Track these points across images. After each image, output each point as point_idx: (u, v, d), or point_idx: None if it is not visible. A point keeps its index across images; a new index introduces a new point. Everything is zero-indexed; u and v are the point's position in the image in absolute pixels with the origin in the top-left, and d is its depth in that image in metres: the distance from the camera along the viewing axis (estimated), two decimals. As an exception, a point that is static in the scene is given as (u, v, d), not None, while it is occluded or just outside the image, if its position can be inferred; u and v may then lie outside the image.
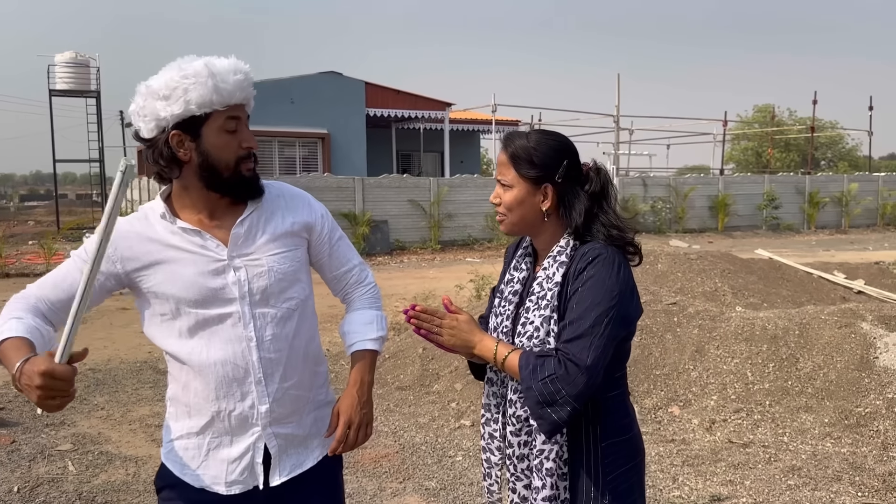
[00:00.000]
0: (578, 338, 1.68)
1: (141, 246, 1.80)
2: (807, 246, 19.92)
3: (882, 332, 5.17)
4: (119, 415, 5.58)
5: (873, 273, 10.90)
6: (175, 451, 1.89)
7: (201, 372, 1.81)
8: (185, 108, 1.71)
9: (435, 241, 19.10)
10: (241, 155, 1.80)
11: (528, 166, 1.83)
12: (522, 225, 1.88)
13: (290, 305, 1.87)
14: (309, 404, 1.95)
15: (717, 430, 4.68)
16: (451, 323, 1.87)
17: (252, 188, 1.85)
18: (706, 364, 5.24)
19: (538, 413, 1.70)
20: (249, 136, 1.82)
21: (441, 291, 10.22)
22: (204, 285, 1.78)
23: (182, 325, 1.80)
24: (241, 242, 1.83)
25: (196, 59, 1.76)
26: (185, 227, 1.81)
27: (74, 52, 27.23)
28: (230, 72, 1.75)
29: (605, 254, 1.75)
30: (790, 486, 3.94)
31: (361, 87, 22.68)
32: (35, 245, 18.87)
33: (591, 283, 1.72)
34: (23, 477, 4.37)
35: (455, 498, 4.04)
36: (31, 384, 1.51)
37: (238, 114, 1.79)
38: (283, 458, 1.89)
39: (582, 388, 1.66)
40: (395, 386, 5.92)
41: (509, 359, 1.77)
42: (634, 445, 1.85)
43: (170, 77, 1.72)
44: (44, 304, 1.80)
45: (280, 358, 1.85)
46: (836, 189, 26.14)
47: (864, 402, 4.59)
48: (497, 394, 1.92)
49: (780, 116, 45.58)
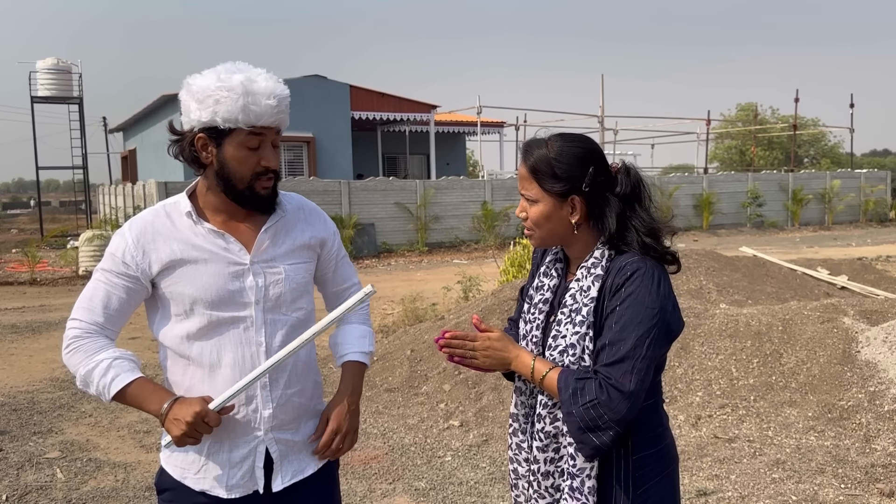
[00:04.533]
0: (620, 361, 1.63)
1: (165, 245, 1.81)
2: (791, 243, 20.09)
3: (864, 327, 5.24)
4: (107, 421, 5.56)
5: (856, 269, 11.01)
6: (175, 455, 1.89)
7: (209, 373, 1.82)
8: (212, 117, 1.73)
9: (422, 244, 19.12)
10: (258, 171, 1.80)
11: (551, 180, 1.72)
12: (552, 239, 1.80)
13: (299, 315, 1.91)
14: (308, 412, 1.97)
15: (703, 426, 4.73)
16: (484, 344, 1.78)
17: (265, 205, 1.86)
18: (691, 361, 5.29)
19: (580, 438, 1.65)
20: (271, 156, 1.81)
21: (429, 293, 10.24)
22: (223, 287, 1.81)
23: (194, 325, 1.82)
24: (265, 249, 1.86)
25: (239, 72, 1.75)
26: (211, 229, 1.83)
27: (56, 59, 27.07)
28: (265, 95, 1.74)
29: (644, 268, 1.67)
30: (775, 479, 3.99)
31: (346, 90, 22.65)
32: (19, 253, 18.72)
33: (631, 302, 1.65)
34: (11, 485, 4.35)
35: (444, 498, 4.07)
36: (181, 420, 1.71)
37: (263, 133, 1.79)
38: (284, 463, 1.90)
39: (625, 413, 1.62)
40: (384, 388, 5.94)
41: (548, 377, 1.70)
42: (666, 455, 1.79)
43: (208, 83, 1.74)
44: (108, 332, 1.87)
45: (286, 365, 1.87)
46: (818, 186, 26.39)
47: (847, 396, 4.66)
48: (526, 404, 1.85)
49: (762, 115, 45.88)
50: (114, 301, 1.83)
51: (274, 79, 1.80)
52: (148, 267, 1.81)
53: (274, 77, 1.80)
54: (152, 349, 8.04)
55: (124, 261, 1.81)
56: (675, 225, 1.84)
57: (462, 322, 6.70)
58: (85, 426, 5.47)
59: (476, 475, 4.35)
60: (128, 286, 1.82)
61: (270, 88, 1.76)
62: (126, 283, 1.82)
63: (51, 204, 50.15)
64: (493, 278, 10.17)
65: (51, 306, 11.34)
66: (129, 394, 1.78)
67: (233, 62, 1.79)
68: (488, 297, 7.40)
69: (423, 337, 6.57)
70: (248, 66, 1.79)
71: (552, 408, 1.75)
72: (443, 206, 20.04)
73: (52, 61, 26.91)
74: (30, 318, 10.20)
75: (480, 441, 4.87)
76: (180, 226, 1.83)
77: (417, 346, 6.39)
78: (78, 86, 27.67)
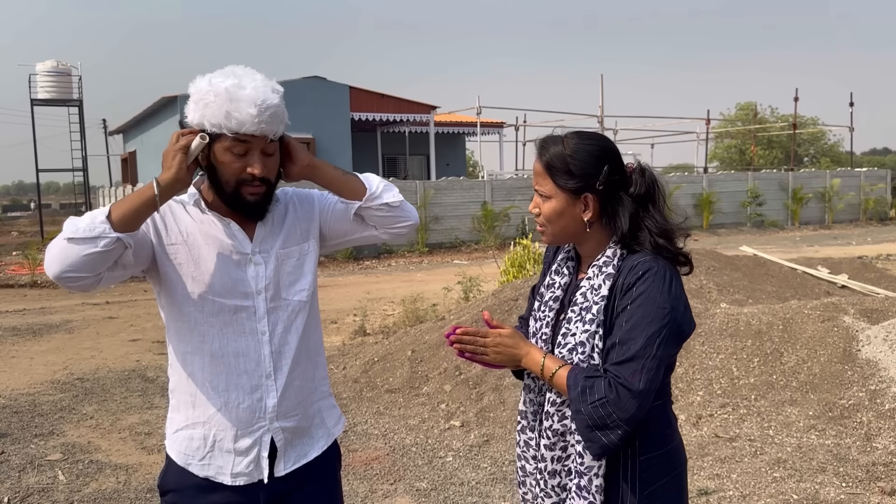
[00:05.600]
0: (630, 360, 1.62)
1: (176, 224, 1.85)
2: (791, 242, 20.09)
3: (864, 325, 5.25)
4: (108, 423, 5.56)
5: (856, 267, 11.02)
6: (179, 442, 1.91)
7: (213, 360, 1.84)
8: (200, 119, 1.74)
9: (422, 244, 19.12)
10: (244, 178, 1.79)
11: (565, 176, 1.72)
12: (564, 236, 1.80)
13: (300, 298, 1.92)
14: (312, 395, 1.98)
15: (704, 425, 4.74)
16: (495, 341, 1.78)
17: (251, 212, 1.85)
18: (692, 360, 5.29)
19: (588, 436, 1.66)
20: (258, 163, 1.78)
21: (429, 294, 10.25)
22: (225, 273, 1.83)
23: (198, 310, 1.83)
24: (263, 238, 1.89)
25: (232, 77, 1.74)
26: (218, 216, 1.85)
27: (56, 61, 27.08)
28: (249, 104, 1.70)
29: (655, 268, 1.67)
30: (776, 478, 3.99)
31: (346, 91, 22.64)
32: (19, 256, 18.73)
33: (642, 301, 1.65)
34: (13, 488, 4.36)
35: (446, 498, 4.07)
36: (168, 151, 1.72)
37: (249, 141, 1.76)
38: (288, 450, 1.92)
39: (634, 412, 1.62)
40: (385, 389, 5.94)
41: (558, 375, 1.70)
42: (674, 456, 1.78)
43: (201, 86, 1.75)
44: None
45: (288, 351, 1.89)
46: (818, 185, 26.39)
47: (848, 395, 4.66)
48: (534, 401, 1.85)
49: (762, 114, 45.91)
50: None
51: (268, 87, 1.75)
52: (164, 229, 1.83)
53: (269, 85, 1.77)
54: (153, 351, 8.05)
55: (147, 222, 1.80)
56: (687, 226, 1.83)
57: (462, 323, 6.70)
58: (86, 428, 5.47)
59: (477, 475, 4.35)
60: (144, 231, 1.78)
61: (255, 97, 1.71)
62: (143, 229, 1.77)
63: (51, 206, 50.15)
64: (493, 279, 10.17)
65: (51, 308, 11.35)
66: (120, 202, 1.70)
67: (236, 66, 1.79)
68: (489, 298, 7.40)
69: (424, 338, 6.57)
70: (246, 72, 1.77)
71: (560, 405, 1.75)
72: (443, 207, 20.04)
73: (51, 64, 26.93)
74: (30, 321, 10.20)
75: (481, 441, 4.87)
76: (191, 212, 1.88)
77: (418, 347, 6.39)
78: (78, 88, 27.69)
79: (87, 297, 12.31)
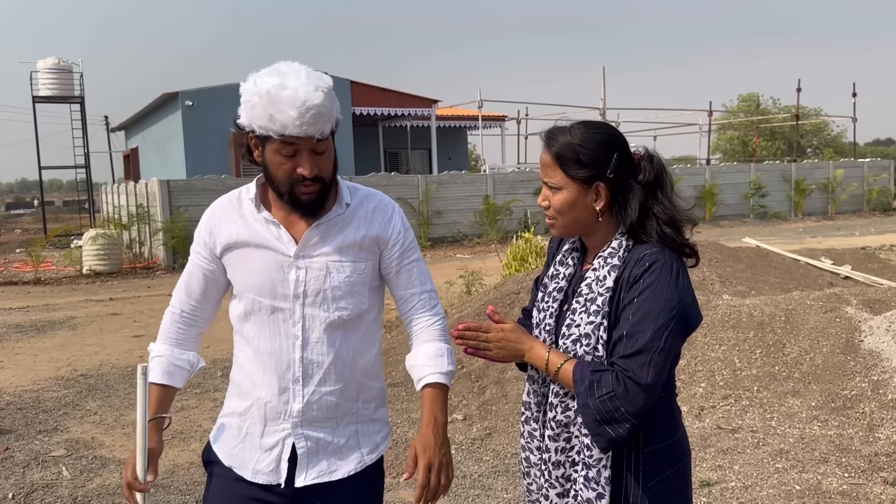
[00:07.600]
0: (637, 353, 1.61)
1: (229, 227, 1.89)
2: (794, 233, 20.06)
3: (867, 316, 5.24)
4: (112, 419, 5.58)
5: (860, 258, 11.01)
6: (220, 428, 1.97)
7: (255, 356, 1.89)
8: (248, 122, 1.73)
9: (424, 239, 19.12)
10: (296, 178, 1.77)
11: (576, 166, 1.70)
12: (576, 227, 1.77)
13: (342, 314, 1.87)
14: (350, 415, 1.92)
15: (706, 417, 4.74)
16: (498, 335, 1.78)
17: (306, 210, 1.83)
18: (694, 352, 5.29)
19: (596, 430, 1.65)
20: (307, 163, 1.75)
21: (431, 288, 10.23)
22: (267, 275, 1.85)
23: (244, 307, 1.89)
24: (312, 244, 1.86)
25: (276, 76, 1.70)
26: (267, 218, 1.86)
27: (57, 58, 27.11)
28: (290, 106, 1.66)
29: (662, 259, 1.66)
30: (778, 469, 4.00)
31: (347, 85, 22.62)
32: (23, 253, 18.77)
33: (649, 294, 1.63)
34: (17, 483, 4.38)
35: (449, 491, 4.07)
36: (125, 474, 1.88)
37: (296, 142, 1.73)
38: (310, 460, 1.88)
39: (642, 406, 1.61)
40: (388, 382, 5.95)
41: (563, 369, 1.70)
42: (678, 449, 1.78)
43: (247, 87, 1.72)
44: (194, 317, 1.99)
45: (322, 361, 1.86)
46: (821, 176, 26.32)
47: (850, 385, 4.66)
48: (538, 392, 1.84)
49: (764, 105, 45.84)
50: (195, 284, 1.95)
51: (310, 85, 1.69)
52: (214, 246, 1.91)
53: (313, 83, 1.70)
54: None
55: (200, 243, 1.94)
56: (694, 215, 1.83)
57: (464, 317, 6.71)
58: (90, 424, 5.49)
59: (480, 468, 4.36)
60: (204, 267, 1.93)
61: (295, 99, 1.66)
62: (203, 265, 1.93)
63: (54, 203, 50.27)
64: (495, 272, 10.17)
65: (55, 305, 11.38)
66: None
67: (283, 63, 1.74)
68: (491, 291, 7.40)
69: (426, 331, 6.57)
70: (291, 69, 1.72)
71: (564, 396, 1.74)
72: (445, 201, 20.04)
73: (52, 61, 26.95)
74: (34, 318, 10.23)
75: (484, 434, 4.88)
76: (245, 209, 1.89)
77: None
78: (79, 85, 27.71)
79: (90, 294, 12.34)
